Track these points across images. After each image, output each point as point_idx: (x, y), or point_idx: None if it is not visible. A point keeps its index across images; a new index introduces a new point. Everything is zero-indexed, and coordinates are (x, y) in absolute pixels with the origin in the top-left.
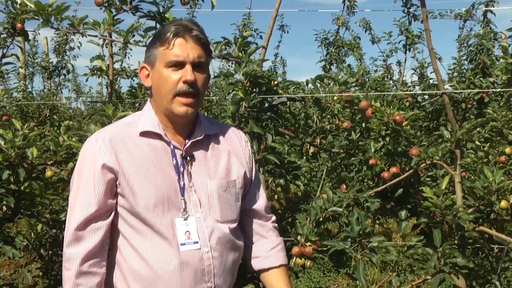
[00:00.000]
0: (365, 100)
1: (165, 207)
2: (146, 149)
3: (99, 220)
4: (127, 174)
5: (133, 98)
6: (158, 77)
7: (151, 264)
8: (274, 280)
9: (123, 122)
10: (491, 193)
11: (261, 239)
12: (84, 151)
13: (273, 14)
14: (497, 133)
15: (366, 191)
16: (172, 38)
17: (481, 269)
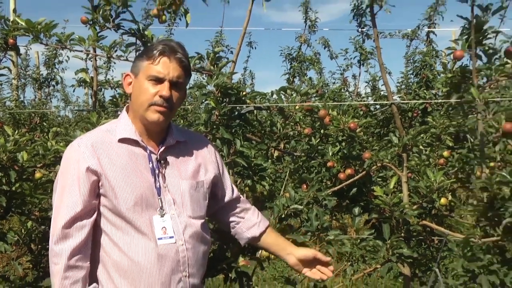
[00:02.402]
0: (324, 109)
1: (143, 206)
2: (125, 154)
3: (84, 219)
4: (109, 177)
5: (115, 107)
6: (139, 87)
7: (132, 257)
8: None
9: (102, 129)
10: (433, 192)
11: (248, 212)
12: (67, 156)
13: (241, 32)
14: (436, 139)
15: (324, 190)
16: (158, 55)
17: (424, 258)
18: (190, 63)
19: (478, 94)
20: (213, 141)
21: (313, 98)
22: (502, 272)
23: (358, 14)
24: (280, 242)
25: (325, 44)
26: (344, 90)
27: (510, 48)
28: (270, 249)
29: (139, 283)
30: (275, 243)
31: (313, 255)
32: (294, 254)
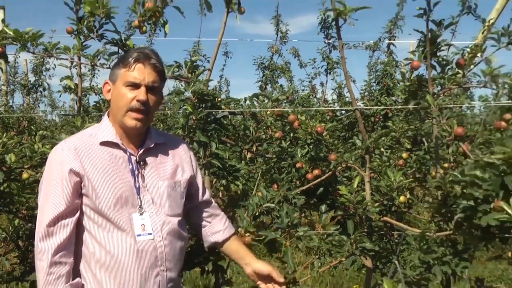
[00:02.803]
0: (293, 114)
1: (123, 204)
2: (106, 156)
3: (67, 218)
4: (91, 178)
5: (98, 112)
6: (117, 93)
7: (112, 253)
8: (237, 243)
9: (86, 133)
10: (393, 190)
11: (216, 217)
12: (52, 159)
13: (217, 42)
14: (396, 142)
15: (293, 190)
16: (133, 62)
17: (384, 251)
18: (164, 68)
19: (433, 101)
20: (190, 143)
21: (283, 104)
22: (453, 263)
23: (325, 27)
24: (240, 251)
25: (295, 53)
26: (313, 97)
27: (460, 60)
28: (231, 256)
29: (120, 277)
30: (235, 251)
31: (267, 272)
32: (251, 265)
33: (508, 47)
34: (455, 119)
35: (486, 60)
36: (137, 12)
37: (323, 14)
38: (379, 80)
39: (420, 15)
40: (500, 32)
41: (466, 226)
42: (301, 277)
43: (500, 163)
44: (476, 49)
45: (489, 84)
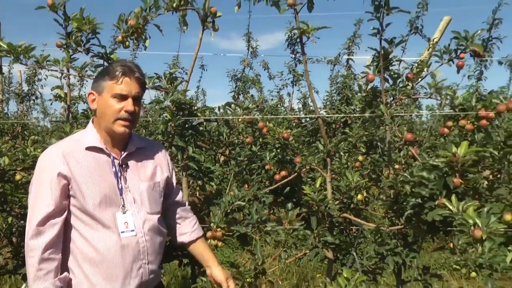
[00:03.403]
0: (262, 122)
1: (107, 204)
2: (91, 160)
3: (55, 217)
4: (78, 180)
5: (86, 118)
6: (104, 104)
7: (99, 248)
8: (202, 246)
9: (73, 139)
10: (351, 190)
11: (186, 220)
12: (41, 162)
13: (193, 56)
14: (353, 146)
15: (262, 189)
16: (120, 76)
17: (344, 244)
18: (145, 79)
19: (386, 110)
20: (168, 148)
21: (254, 112)
22: (404, 254)
23: (291, 43)
24: (204, 254)
25: (265, 66)
26: (280, 106)
27: (409, 74)
28: (196, 257)
29: (106, 270)
30: (200, 253)
31: (220, 281)
32: (211, 269)
33: (449, 63)
34: (405, 126)
35: (431, 74)
36: (121, 29)
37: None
38: (339, 91)
39: (374, 34)
40: (442, 50)
41: (415, 221)
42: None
43: (443, 166)
44: (423, 64)
45: (434, 95)
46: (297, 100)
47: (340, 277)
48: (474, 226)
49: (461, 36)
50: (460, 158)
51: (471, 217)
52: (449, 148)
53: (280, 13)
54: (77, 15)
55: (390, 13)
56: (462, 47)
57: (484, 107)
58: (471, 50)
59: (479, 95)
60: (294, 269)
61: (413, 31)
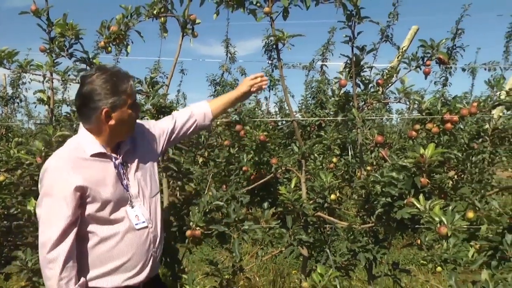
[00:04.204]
0: (239, 124)
1: (120, 202)
2: (98, 166)
3: (73, 227)
4: (92, 187)
5: (69, 121)
6: (125, 116)
7: (116, 244)
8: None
9: (69, 148)
10: (325, 190)
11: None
12: (51, 176)
13: (173, 61)
14: (327, 148)
15: (240, 190)
16: (130, 88)
17: (318, 242)
18: None
19: (358, 113)
20: None
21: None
22: (375, 250)
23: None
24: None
25: (242, 72)
26: (258, 109)
27: (380, 80)
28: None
29: (124, 263)
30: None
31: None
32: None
33: (416, 70)
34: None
35: (400, 80)
36: (103, 35)
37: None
38: (314, 95)
39: (346, 41)
40: (410, 58)
41: (385, 219)
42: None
43: (411, 166)
44: (392, 71)
45: (403, 100)
46: (274, 104)
47: (315, 273)
48: (440, 223)
49: (427, 44)
50: (427, 159)
51: (437, 215)
52: (417, 150)
53: (257, 21)
54: (60, 21)
55: (361, 22)
56: (428, 55)
57: (449, 111)
58: (437, 57)
59: (445, 100)
60: (270, 266)
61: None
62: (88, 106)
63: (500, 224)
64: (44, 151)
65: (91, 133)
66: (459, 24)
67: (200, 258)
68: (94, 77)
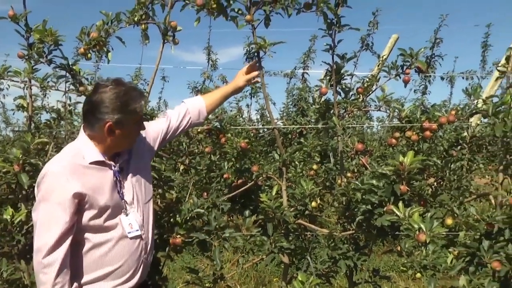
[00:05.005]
0: (221, 132)
1: (115, 210)
2: (97, 173)
3: (69, 233)
4: (90, 194)
5: (48, 128)
6: (130, 132)
7: (109, 251)
8: (212, 98)
9: (68, 154)
10: (306, 197)
11: (187, 115)
12: (49, 182)
13: (154, 68)
14: (307, 155)
15: (221, 197)
16: (139, 109)
17: (299, 249)
18: None
19: (338, 121)
20: None
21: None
22: (355, 257)
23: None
24: (220, 94)
25: (223, 79)
26: (239, 117)
27: (360, 88)
28: (222, 102)
29: (116, 270)
30: (220, 98)
31: (247, 78)
32: (237, 84)
33: (396, 78)
34: (357, 137)
35: (381, 88)
36: (83, 41)
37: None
38: (295, 103)
39: (327, 50)
40: (390, 66)
41: (365, 226)
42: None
43: (391, 174)
44: (373, 79)
45: (383, 108)
46: (255, 111)
47: (296, 281)
48: (418, 230)
49: (406, 53)
50: (407, 167)
51: (416, 222)
52: (397, 158)
53: (238, 29)
54: (39, 27)
55: (342, 30)
56: (408, 64)
57: (428, 119)
58: (416, 66)
59: (424, 108)
60: (251, 273)
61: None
62: (94, 115)
63: (477, 231)
64: (22, 159)
65: (91, 139)
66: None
67: (181, 266)
68: (107, 89)
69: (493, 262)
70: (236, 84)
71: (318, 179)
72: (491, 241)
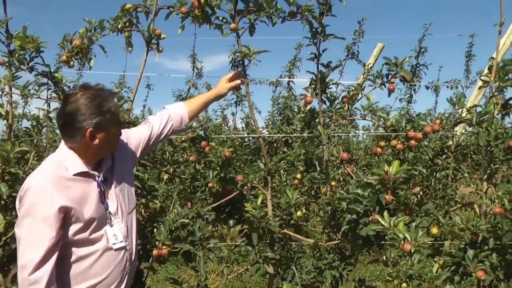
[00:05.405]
0: (205, 141)
1: (101, 222)
2: (82, 185)
3: (56, 248)
4: (76, 207)
5: (28, 137)
6: (111, 136)
7: (94, 263)
8: (194, 102)
9: (51, 167)
10: (291, 206)
11: (169, 122)
12: (33, 196)
13: (138, 76)
14: (291, 164)
15: (205, 207)
16: (114, 107)
17: (284, 259)
18: None
19: (323, 130)
20: None
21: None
22: (341, 267)
23: (235, 65)
24: (203, 100)
25: (208, 87)
26: (224, 125)
27: (345, 96)
28: (204, 108)
29: (104, 281)
30: (203, 104)
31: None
32: (220, 91)
33: (381, 87)
34: (342, 146)
35: (366, 97)
36: (65, 48)
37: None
38: (280, 111)
39: (312, 58)
40: (375, 75)
41: (351, 236)
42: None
43: (376, 183)
44: (358, 88)
45: (368, 116)
46: (241, 120)
47: None
48: (404, 240)
49: (391, 62)
50: (392, 176)
51: (401, 231)
52: (382, 167)
53: (223, 37)
54: (20, 33)
55: (327, 39)
56: (393, 73)
57: (413, 128)
58: (401, 75)
59: (410, 116)
60: (236, 284)
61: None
62: (72, 125)
63: (462, 240)
64: (1, 168)
65: (73, 151)
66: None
67: (165, 277)
68: (78, 96)
69: (478, 271)
70: (219, 91)
71: (303, 188)
72: (476, 250)
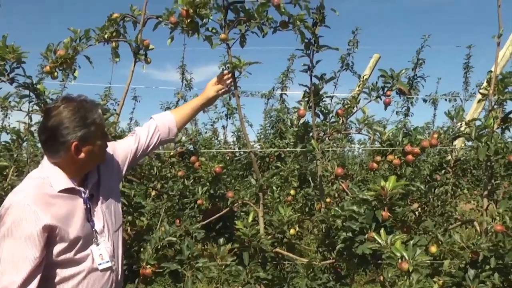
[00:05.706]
0: (194, 156)
1: (86, 241)
2: (67, 202)
3: (39, 269)
4: (61, 226)
5: (8, 151)
6: (98, 149)
7: (80, 283)
8: (181, 111)
9: (35, 183)
10: (284, 224)
11: (156, 133)
12: (15, 214)
13: (125, 88)
14: (285, 180)
15: (194, 224)
16: (98, 119)
17: (277, 279)
18: None
19: (317, 145)
20: None
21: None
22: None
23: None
24: (190, 107)
25: None
26: (214, 139)
27: (340, 110)
28: (193, 116)
29: None
30: (191, 112)
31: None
32: (208, 95)
33: (377, 100)
34: (337, 160)
35: (361, 110)
36: (49, 59)
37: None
38: (273, 125)
39: (305, 70)
40: (370, 87)
41: (346, 255)
42: None
43: (372, 199)
44: (353, 100)
45: (363, 130)
46: (231, 133)
47: None
48: (401, 259)
49: (387, 74)
50: (389, 192)
51: (398, 250)
52: (378, 182)
53: (212, 48)
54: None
55: (320, 50)
56: (389, 85)
57: (410, 143)
58: (397, 88)
59: (407, 130)
60: None
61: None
62: (56, 140)
63: (462, 259)
64: None
65: (57, 166)
66: (420, 54)
67: None
68: (61, 109)
69: None
70: (207, 95)
71: (297, 204)
72: (477, 270)
